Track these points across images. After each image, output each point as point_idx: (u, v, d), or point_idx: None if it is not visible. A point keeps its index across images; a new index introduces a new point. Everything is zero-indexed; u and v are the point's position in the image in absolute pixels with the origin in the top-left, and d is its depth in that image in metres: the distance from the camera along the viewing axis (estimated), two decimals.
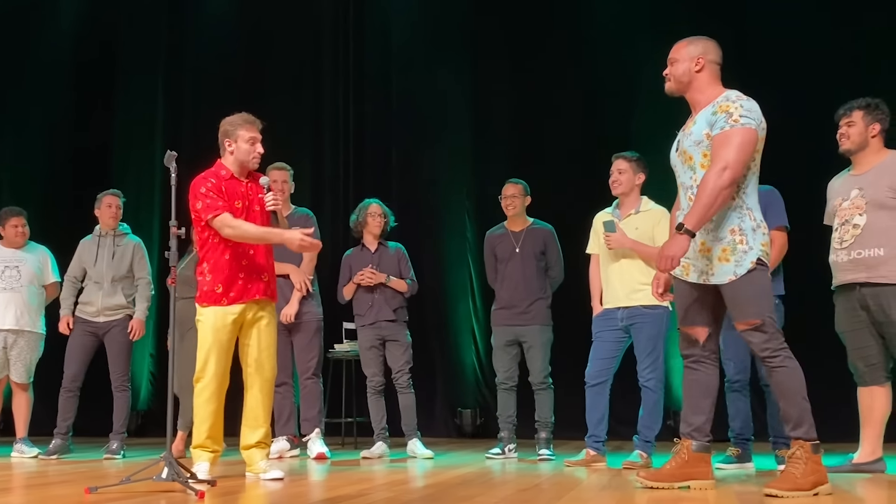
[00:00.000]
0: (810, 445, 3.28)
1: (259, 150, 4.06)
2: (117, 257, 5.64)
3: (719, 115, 3.34)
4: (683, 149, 3.49)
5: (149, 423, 7.79)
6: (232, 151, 4.04)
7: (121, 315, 5.59)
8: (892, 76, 6.37)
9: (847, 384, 4.35)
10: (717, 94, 3.45)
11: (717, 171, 3.27)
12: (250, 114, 4.12)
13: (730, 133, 3.30)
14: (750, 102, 3.38)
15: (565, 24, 7.52)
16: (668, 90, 3.58)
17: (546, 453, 5.05)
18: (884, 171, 4.09)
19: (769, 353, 3.31)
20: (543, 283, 5.27)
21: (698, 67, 3.48)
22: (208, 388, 3.93)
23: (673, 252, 3.29)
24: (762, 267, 3.34)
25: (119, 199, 5.77)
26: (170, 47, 8.35)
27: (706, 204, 3.27)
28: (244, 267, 3.98)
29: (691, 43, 3.53)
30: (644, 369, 4.56)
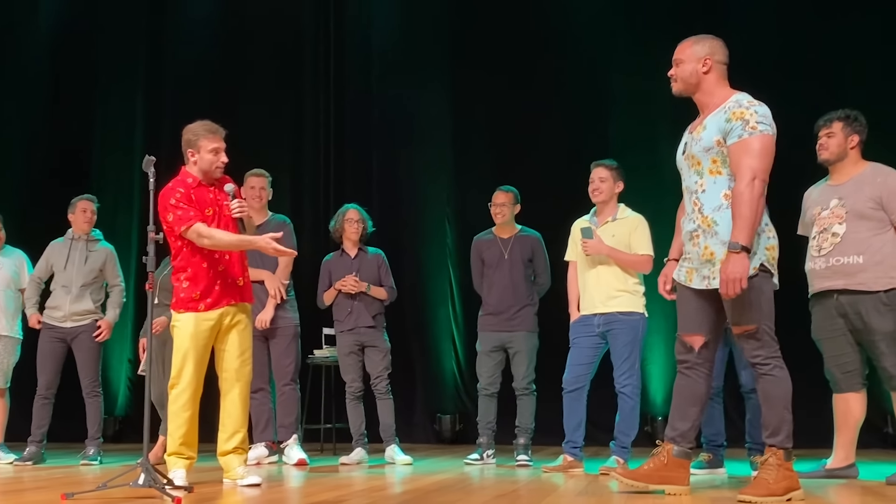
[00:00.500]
0: (783, 452, 3.31)
1: (223, 159, 4.05)
2: (89, 263, 5.60)
3: (734, 122, 3.29)
4: (691, 153, 3.44)
5: (126, 428, 7.74)
6: (195, 161, 4.03)
7: (88, 320, 5.55)
8: (868, 88, 6.47)
9: (822, 390, 4.41)
10: (726, 97, 3.39)
11: (749, 183, 3.22)
12: (215, 123, 4.10)
13: (749, 141, 3.26)
14: (763, 107, 3.33)
15: (544, 30, 7.56)
16: (676, 91, 3.51)
17: (524, 459, 5.07)
18: (864, 181, 4.15)
19: (760, 360, 3.32)
20: (530, 289, 5.30)
21: (706, 69, 3.42)
22: (184, 394, 3.91)
23: (737, 273, 3.19)
24: (765, 273, 3.32)
25: (94, 204, 5.73)
26: (149, 51, 8.31)
27: (748, 216, 3.21)
28: (220, 273, 3.98)
29: (697, 42, 3.46)
30: (620, 375, 4.59)
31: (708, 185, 3.39)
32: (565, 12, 7.56)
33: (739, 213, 3.23)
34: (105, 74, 8.31)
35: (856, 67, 6.72)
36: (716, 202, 3.35)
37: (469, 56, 7.73)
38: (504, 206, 5.36)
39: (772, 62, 6.90)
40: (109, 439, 7.42)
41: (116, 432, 7.71)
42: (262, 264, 5.34)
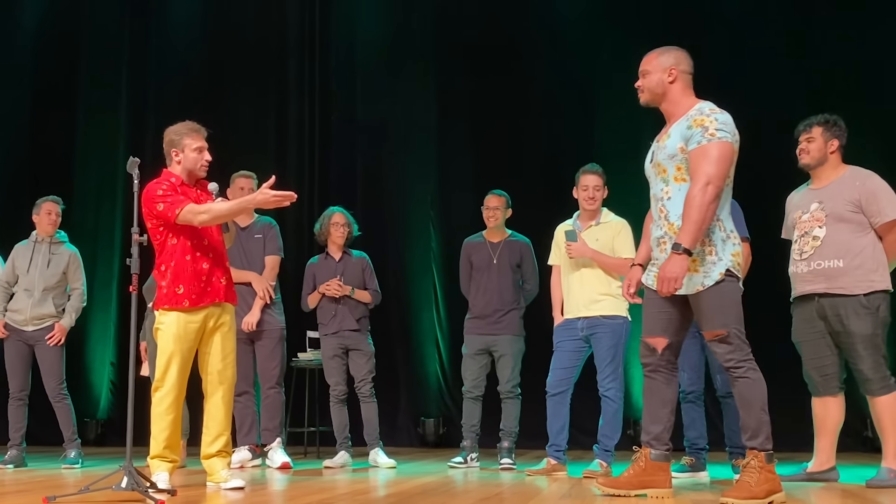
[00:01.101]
0: (764, 455, 3.33)
1: (207, 157, 4.05)
2: (52, 266, 5.55)
3: (695, 129, 3.36)
4: (658, 161, 3.51)
5: (109, 432, 7.68)
6: (179, 161, 4.03)
7: (49, 324, 5.51)
8: (848, 93, 6.54)
9: (802, 394, 4.45)
10: (690, 106, 3.46)
11: (702, 188, 3.29)
12: (196, 123, 4.10)
13: (707, 147, 3.32)
14: (724, 115, 3.40)
15: (529, 35, 7.59)
16: (643, 102, 3.58)
17: (508, 462, 5.08)
18: (843, 185, 4.20)
19: (733, 364, 3.36)
20: (517, 294, 5.31)
21: (671, 78, 3.49)
22: (168, 397, 3.89)
23: (674, 273, 3.27)
24: (731, 278, 3.37)
25: (59, 206, 5.68)
26: (132, 53, 8.26)
27: (697, 220, 3.28)
28: (204, 270, 3.96)
29: (662, 53, 3.54)
30: (604, 379, 4.62)
31: (673, 192, 3.45)
32: (551, 17, 7.59)
33: (688, 215, 3.30)
34: (88, 75, 8.26)
35: (837, 72, 6.79)
36: (681, 209, 3.40)
37: (454, 60, 7.75)
38: (497, 209, 5.38)
39: (754, 68, 6.97)
40: (91, 443, 7.38)
41: (98, 435, 7.65)
42: (249, 266, 5.33)
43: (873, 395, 4.07)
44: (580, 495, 3.65)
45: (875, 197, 4.12)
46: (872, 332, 4.06)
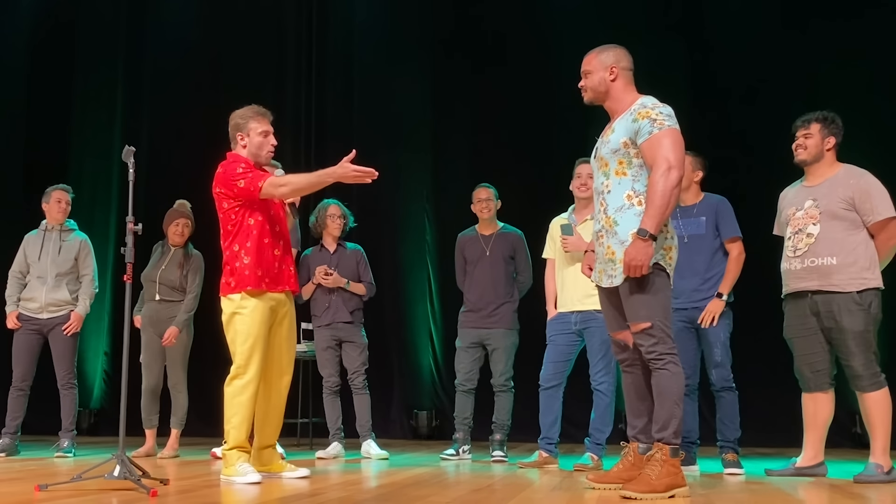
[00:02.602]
0: (669, 449, 3.35)
1: (273, 142, 4.02)
2: (63, 253, 5.57)
3: (640, 121, 3.41)
4: (600, 155, 3.57)
5: (102, 421, 7.70)
6: (245, 145, 3.99)
7: (64, 311, 5.53)
8: (842, 92, 6.56)
9: (791, 390, 4.47)
10: (633, 101, 3.53)
11: (664, 173, 3.33)
12: (261, 107, 4.07)
13: (659, 136, 3.38)
14: (667, 108, 3.47)
15: (526, 30, 7.61)
16: (587, 101, 3.65)
17: (500, 455, 5.11)
18: (837, 183, 4.21)
19: (655, 356, 3.39)
20: (511, 287, 5.34)
21: (612, 76, 3.55)
22: (252, 385, 3.83)
23: (638, 259, 3.31)
24: (660, 272, 3.41)
25: (69, 194, 5.70)
26: (129, 43, 8.26)
27: (660, 205, 3.32)
28: (277, 256, 3.94)
29: (602, 52, 3.60)
30: (597, 373, 4.64)
31: (613, 185, 3.49)
32: (547, 12, 7.61)
33: (651, 201, 3.34)
34: (84, 64, 8.26)
35: (829, 69, 6.82)
36: (619, 203, 3.45)
37: (451, 54, 7.76)
38: (489, 201, 5.40)
39: (741, 69, 6.99)
40: (84, 432, 7.39)
41: (92, 425, 7.68)
42: None
43: (864, 391, 4.09)
44: (570, 487, 3.67)
45: (868, 195, 4.14)
46: (864, 329, 4.08)
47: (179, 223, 5.60)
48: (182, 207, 5.68)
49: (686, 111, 6.16)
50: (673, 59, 7.11)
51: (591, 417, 4.67)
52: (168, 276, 5.52)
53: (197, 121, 7.92)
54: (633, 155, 3.46)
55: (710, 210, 4.56)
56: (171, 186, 7.17)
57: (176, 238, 5.60)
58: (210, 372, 5.64)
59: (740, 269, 4.51)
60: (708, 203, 4.59)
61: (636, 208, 3.44)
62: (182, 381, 5.52)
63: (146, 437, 5.51)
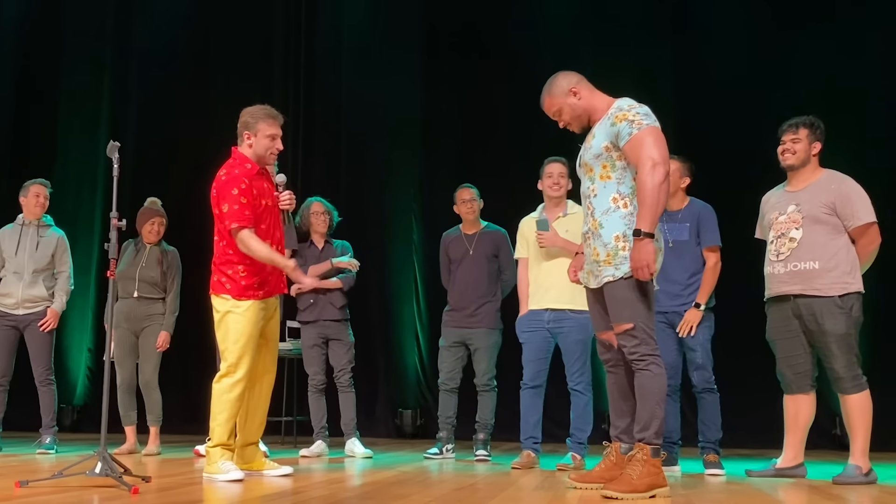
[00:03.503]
0: (650, 449, 3.37)
1: (278, 146, 4.01)
2: (40, 249, 5.53)
3: (619, 125, 3.44)
4: (585, 161, 3.61)
5: (84, 418, 7.66)
6: (251, 144, 3.98)
7: (41, 307, 5.49)
8: (821, 98, 6.62)
9: (773, 392, 4.51)
10: (608, 104, 3.56)
11: (650, 170, 3.36)
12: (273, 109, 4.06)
13: (640, 136, 3.40)
14: (643, 107, 3.50)
15: (513, 27, 7.63)
16: (579, 131, 3.68)
17: (483, 454, 5.13)
18: (819, 188, 4.25)
19: (637, 357, 3.42)
20: (494, 286, 5.33)
21: (578, 97, 3.59)
22: (241, 384, 3.85)
23: (643, 260, 3.34)
24: None
25: (47, 189, 5.65)
26: (116, 36, 8.22)
27: (651, 204, 3.35)
28: None
29: (551, 88, 3.63)
30: (573, 374, 4.65)
31: (599, 189, 3.52)
32: (535, 12, 7.62)
33: (642, 201, 3.38)
34: (71, 58, 8.21)
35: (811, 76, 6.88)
36: (605, 206, 3.49)
37: (439, 53, 7.76)
38: (473, 201, 5.42)
39: (732, 73, 7.04)
40: (67, 429, 7.35)
41: (74, 422, 7.64)
42: None
43: (845, 392, 4.12)
44: (552, 487, 3.69)
45: (849, 200, 4.18)
46: (846, 332, 4.12)
47: (154, 222, 5.57)
48: (154, 206, 5.65)
49: (671, 113, 6.25)
50: (660, 61, 7.15)
51: (571, 417, 4.68)
52: (149, 274, 5.50)
53: (183, 117, 7.90)
54: (615, 158, 3.49)
55: (693, 216, 4.60)
56: (156, 183, 7.16)
57: (151, 237, 5.57)
58: (193, 369, 5.63)
59: (717, 278, 4.55)
60: (692, 209, 4.64)
61: (622, 210, 3.47)
62: (153, 378, 5.48)
63: (126, 433, 5.49)
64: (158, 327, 5.47)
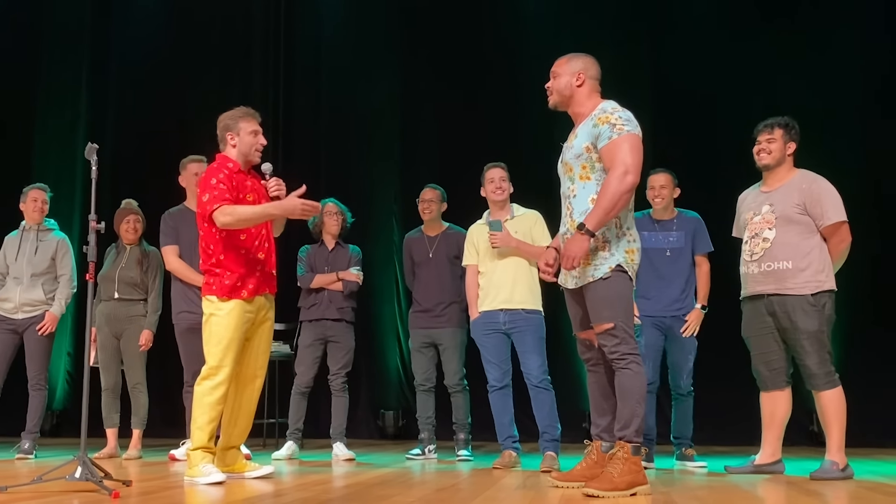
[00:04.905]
0: (631, 447, 3.41)
1: (262, 141, 4.04)
2: (39, 253, 5.52)
3: (601, 126, 3.48)
4: (566, 160, 3.64)
5: (64, 423, 7.60)
6: (234, 145, 4.00)
7: (40, 311, 5.48)
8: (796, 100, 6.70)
9: (750, 389, 4.56)
10: (595, 106, 3.59)
11: (619, 176, 3.40)
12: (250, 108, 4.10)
13: (618, 141, 3.44)
14: (626, 112, 3.54)
15: (492, 30, 7.66)
16: (552, 104, 3.71)
17: (465, 454, 5.14)
18: (793, 188, 4.31)
19: (618, 356, 3.46)
20: (458, 286, 5.30)
21: (579, 82, 3.62)
22: (222, 387, 3.84)
23: (573, 252, 3.41)
24: (621, 273, 3.47)
25: (45, 193, 5.67)
26: (94, 38, 8.17)
27: (606, 207, 3.40)
28: (260, 260, 3.96)
29: (572, 59, 3.67)
30: (535, 371, 4.64)
31: (578, 190, 3.56)
32: (514, 14, 7.66)
33: (599, 201, 3.42)
34: (48, 59, 8.15)
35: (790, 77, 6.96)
36: (584, 206, 3.52)
37: (418, 54, 7.78)
38: (432, 202, 5.43)
39: (709, 72, 7.11)
40: (46, 433, 7.28)
41: (54, 426, 7.57)
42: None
43: (818, 389, 4.17)
44: (534, 486, 3.71)
45: (820, 200, 4.23)
46: (818, 329, 4.18)
47: (130, 220, 5.55)
48: (129, 205, 5.63)
49: (647, 112, 6.29)
50: (635, 63, 7.20)
51: (539, 417, 4.65)
52: (128, 274, 5.47)
53: (161, 120, 7.87)
54: (595, 159, 3.52)
55: (689, 225, 4.75)
56: (134, 186, 7.12)
57: (129, 235, 5.55)
58: (173, 373, 5.60)
59: (708, 283, 4.76)
60: (684, 218, 4.79)
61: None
62: (142, 380, 5.46)
63: (107, 436, 5.46)
64: (140, 329, 5.45)
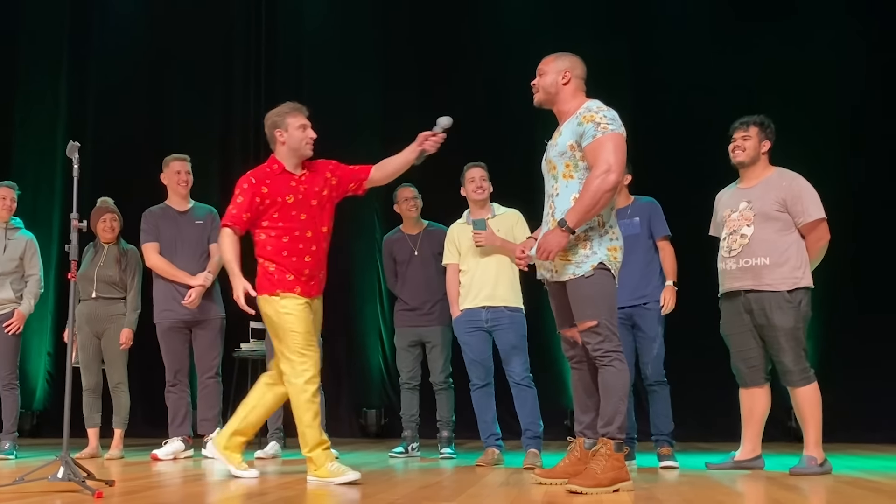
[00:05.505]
0: (614, 444, 3.44)
1: (311, 134, 4.00)
2: (8, 251, 5.48)
3: (585, 125, 3.50)
4: (549, 158, 3.66)
5: (45, 423, 7.55)
6: (284, 142, 3.97)
7: (7, 310, 5.45)
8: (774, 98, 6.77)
9: (730, 386, 4.61)
10: (580, 105, 3.62)
11: (602, 174, 3.43)
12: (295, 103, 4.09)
13: (602, 140, 3.47)
14: (611, 112, 3.56)
15: (474, 30, 7.68)
16: (537, 101, 3.73)
17: (448, 452, 5.16)
18: (770, 185, 4.35)
19: (601, 354, 3.49)
20: (444, 284, 5.35)
21: (565, 80, 3.65)
22: (316, 379, 3.83)
23: (550, 245, 3.44)
24: (604, 271, 3.50)
25: (14, 191, 5.60)
26: (74, 35, 8.10)
27: (588, 205, 3.42)
28: (307, 263, 3.91)
29: (559, 58, 3.71)
30: (517, 370, 4.68)
31: (561, 188, 3.59)
32: (496, 13, 7.68)
33: (581, 198, 3.45)
34: (27, 56, 8.07)
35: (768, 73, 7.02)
36: (566, 204, 3.54)
37: (401, 53, 7.78)
38: (416, 199, 5.45)
39: (688, 69, 7.17)
40: (27, 434, 7.24)
41: (34, 427, 7.52)
42: (186, 250, 5.26)
43: (794, 385, 4.22)
44: (518, 483, 3.74)
45: (800, 198, 4.28)
46: (794, 326, 4.22)
47: (107, 218, 5.52)
48: (105, 203, 5.60)
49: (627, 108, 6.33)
50: (616, 60, 7.25)
51: (521, 413, 4.68)
52: (106, 273, 5.43)
53: (143, 119, 7.82)
54: (578, 158, 3.54)
55: (644, 211, 4.72)
56: (115, 185, 7.07)
57: (107, 234, 5.51)
58: (155, 372, 5.58)
59: (675, 267, 4.67)
60: (639, 205, 4.76)
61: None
62: (124, 380, 5.44)
63: (89, 436, 5.43)
64: (121, 328, 5.42)
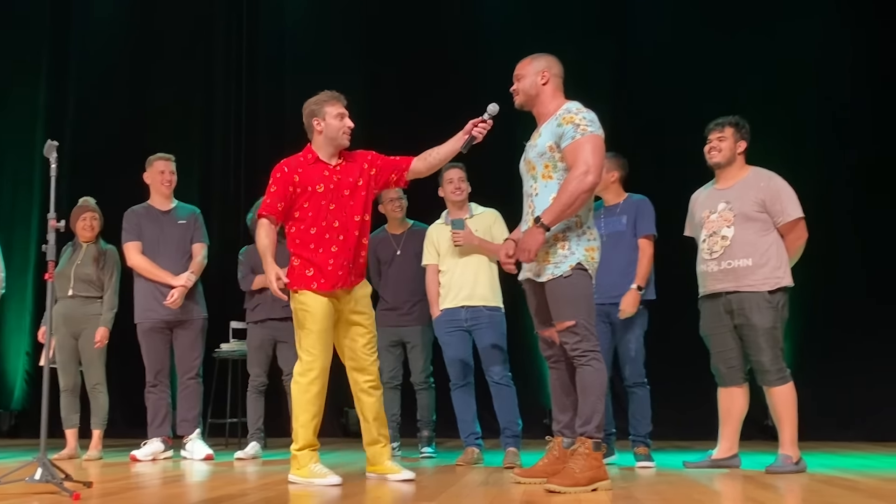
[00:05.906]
0: (592, 443, 3.46)
1: (349, 123, 3.97)
2: None
3: (565, 126, 3.53)
4: (528, 159, 3.68)
5: (23, 423, 7.49)
6: (321, 130, 3.93)
7: None
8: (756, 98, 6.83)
9: (707, 385, 4.65)
10: (559, 106, 3.64)
11: (580, 175, 3.46)
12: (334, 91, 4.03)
13: (581, 141, 3.49)
14: (590, 113, 3.59)
15: (457, 27, 7.70)
16: (518, 104, 3.75)
17: (428, 451, 5.17)
18: (749, 185, 4.39)
19: (579, 353, 3.51)
20: None
21: (544, 80, 3.68)
22: (319, 380, 3.79)
23: (527, 245, 3.47)
24: (582, 272, 3.53)
25: None
26: (54, 32, 8.05)
27: (565, 204, 3.45)
28: (333, 254, 3.79)
29: (535, 59, 3.73)
30: (496, 368, 4.69)
31: (540, 188, 3.62)
32: (478, 13, 7.70)
33: (559, 197, 3.48)
34: (6, 55, 8.01)
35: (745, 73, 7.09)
36: (545, 205, 3.56)
37: (383, 54, 7.77)
38: (402, 199, 5.45)
39: (668, 69, 7.23)
40: (4, 434, 7.19)
41: (12, 427, 7.46)
42: (169, 250, 5.25)
43: (771, 385, 4.26)
44: (497, 483, 3.75)
45: (779, 197, 4.32)
46: (772, 326, 4.26)
47: (87, 217, 5.49)
48: (86, 203, 5.57)
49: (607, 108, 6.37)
50: (599, 60, 7.29)
51: (500, 413, 4.69)
52: (84, 271, 5.40)
53: (122, 118, 7.78)
54: (557, 159, 3.56)
55: (632, 208, 4.72)
56: (93, 184, 7.02)
57: (86, 233, 5.48)
58: (133, 372, 5.56)
59: (651, 263, 4.63)
60: (630, 202, 4.76)
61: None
62: (102, 380, 5.41)
63: (67, 437, 5.40)
64: (97, 328, 5.39)
